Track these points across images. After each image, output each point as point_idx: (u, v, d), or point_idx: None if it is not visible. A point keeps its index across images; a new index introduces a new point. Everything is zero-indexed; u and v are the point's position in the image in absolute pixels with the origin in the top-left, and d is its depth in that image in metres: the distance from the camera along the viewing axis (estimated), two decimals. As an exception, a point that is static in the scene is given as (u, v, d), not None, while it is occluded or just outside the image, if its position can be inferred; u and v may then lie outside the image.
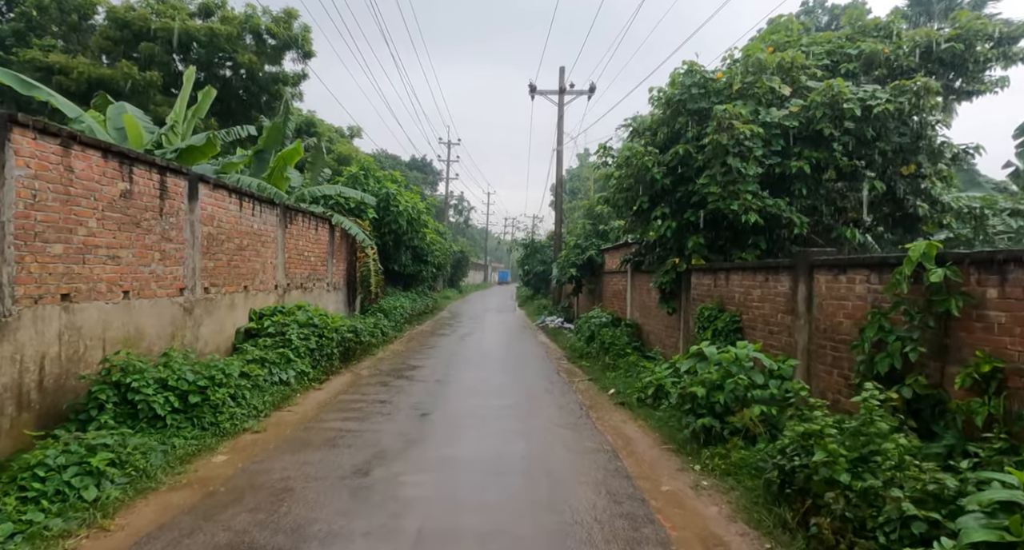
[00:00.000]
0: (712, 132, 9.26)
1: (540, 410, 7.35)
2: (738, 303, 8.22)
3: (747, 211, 8.95)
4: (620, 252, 15.45)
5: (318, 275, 12.92)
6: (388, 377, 9.30)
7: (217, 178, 8.23)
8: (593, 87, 23.70)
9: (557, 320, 20.81)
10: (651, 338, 12.23)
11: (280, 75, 20.36)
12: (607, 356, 10.84)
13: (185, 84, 10.45)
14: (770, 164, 9.34)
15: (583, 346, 12.61)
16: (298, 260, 11.70)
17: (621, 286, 15.27)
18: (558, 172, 24.10)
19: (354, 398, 7.61)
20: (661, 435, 6.15)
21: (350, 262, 15.44)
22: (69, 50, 16.76)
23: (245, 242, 9.25)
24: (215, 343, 8.20)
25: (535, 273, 33.71)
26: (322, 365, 8.87)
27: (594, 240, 17.97)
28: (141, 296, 6.52)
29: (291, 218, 11.34)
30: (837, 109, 8.80)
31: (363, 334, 10.95)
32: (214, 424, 5.58)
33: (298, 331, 8.79)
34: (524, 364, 11.37)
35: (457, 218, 75.03)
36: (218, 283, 8.33)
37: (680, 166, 10.11)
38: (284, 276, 10.91)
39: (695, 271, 10.01)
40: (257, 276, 9.68)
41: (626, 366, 10.00)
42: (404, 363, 10.80)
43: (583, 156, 62.23)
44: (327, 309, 13.29)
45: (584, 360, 11.61)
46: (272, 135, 13.41)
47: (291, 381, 7.61)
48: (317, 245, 12.94)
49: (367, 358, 11.06)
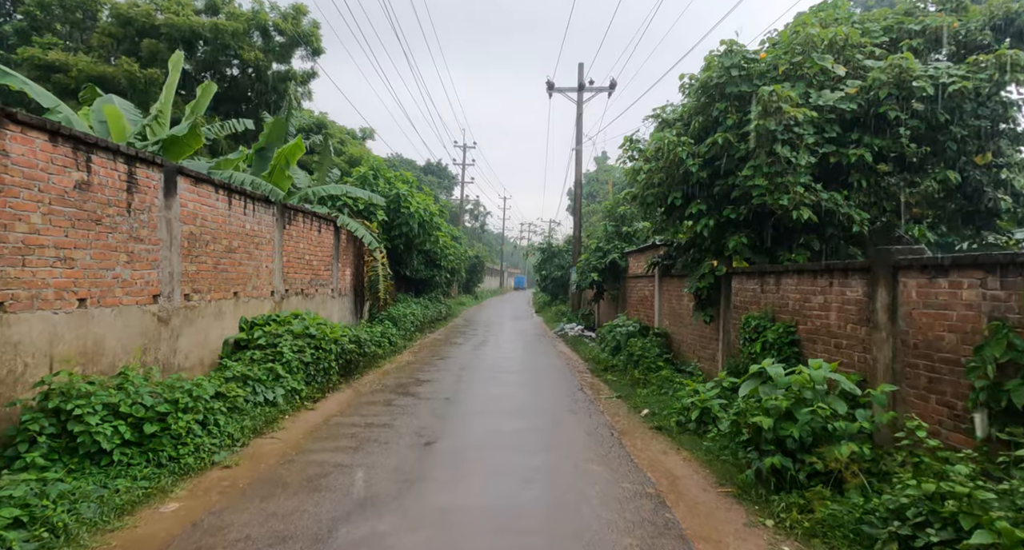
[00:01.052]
0: (756, 117, 8.19)
1: (564, 437, 6.30)
2: (792, 311, 7.10)
3: (798, 206, 7.87)
4: (646, 255, 14.36)
5: (321, 280, 12.03)
6: (392, 394, 8.31)
7: (200, 171, 7.35)
8: (614, 83, 22.68)
9: (577, 328, 19.74)
10: (683, 349, 11.11)
11: (288, 73, 19.65)
12: (636, 370, 9.75)
13: (172, 71, 9.65)
14: (823, 153, 8.24)
15: (608, 358, 11.53)
16: (298, 264, 10.82)
17: (647, 292, 14.16)
18: (577, 172, 23.07)
19: (350, 421, 6.63)
20: (714, 472, 5.07)
21: (357, 267, 14.55)
22: (71, 48, 16.21)
23: (235, 244, 8.37)
24: (197, 357, 7.29)
25: (552, 278, 32.67)
26: (318, 381, 7.91)
27: (617, 243, 16.90)
28: (102, 304, 5.62)
29: (290, 218, 10.47)
30: (904, 88, 7.67)
31: (367, 345, 10.00)
32: (174, 459, 4.63)
33: (291, 343, 7.86)
34: (544, 378, 10.32)
35: (473, 223, 74.28)
36: (202, 289, 7.44)
37: (718, 157, 9.05)
38: (282, 281, 10.02)
39: (737, 275, 8.91)
40: (249, 281, 8.79)
41: (658, 382, 8.90)
42: (412, 377, 9.82)
43: (601, 160, 61.16)
44: (331, 317, 12.39)
45: (610, 374, 10.52)
46: (274, 131, 12.59)
47: (279, 401, 6.65)
48: (320, 248, 12.06)
49: (371, 371, 10.10)
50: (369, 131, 28.78)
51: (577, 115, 23.15)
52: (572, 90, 23.20)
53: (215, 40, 17.20)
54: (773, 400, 4.57)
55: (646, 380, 9.22)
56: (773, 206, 7.99)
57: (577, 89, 23.04)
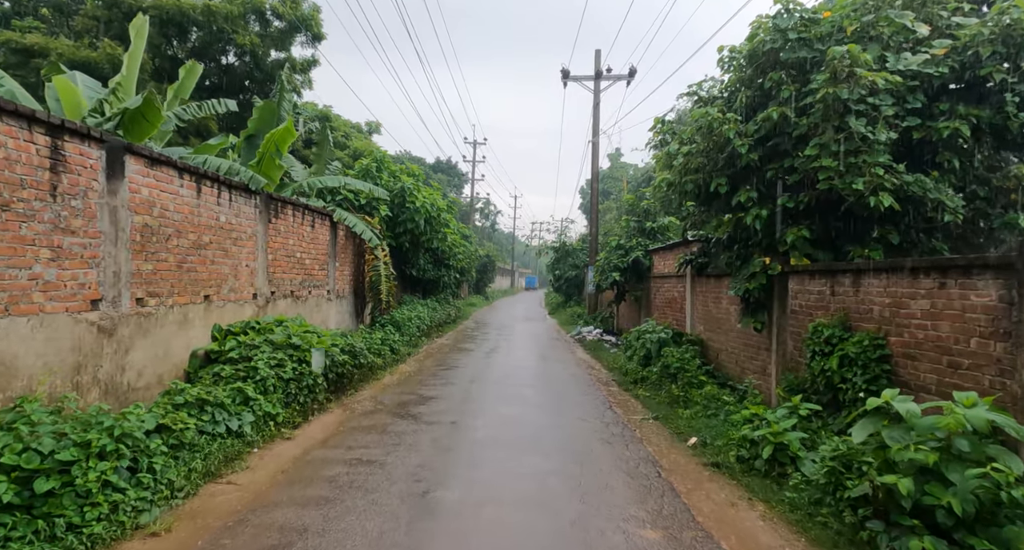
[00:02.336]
0: (823, 85, 6.84)
1: (599, 480, 4.98)
2: (880, 320, 5.73)
3: (876, 191, 6.52)
4: (675, 252, 13.00)
5: (315, 281, 10.80)
6: (389, 416, 7.04)
7: (159, 151, 6.12)
8: (633, 70, 21.28)
9: (595, 331, 18.39)
10: (723, 359, 9.74)
11: (288, 60, 18.48)
12: (674, 385, 8.40)
13: (135, 38, 8.48)
14: (905, 127, 6.87)
15: (637, 368, 10.19)
16: (287, 263, 9.59)
17: (676, 293, 12.80)
18: (593, 165, 21.70)
19: (333, 456, 5.36)
20: (811, 542, 3.73)
21: (357, 266, 13.33)
22: (53, 32, 15.16)
23: (207, 238, 7.15)
24: (155, 374, 6.06)
25: (566, 278, 31.32)
26: (300, 401, 6.65)
27: (639, 240, 15.54)
28: (12, 312, 4.40)
29: (277, 211, 9.24)
30: (1013, 44, 6.27)
31: (363, 355, 8.75)
32: (75, 528, 3.38)
33: (270, 355, 6.61)
34: (565, 393, 9.00)
35: (483, 222, 73.08)
36: (161, 292, 6.21)
37: (772, 136, 7.71)
38: (266, 282, 8.79)
39: (796, 274, 7.54)
40: (225, 282, 7.57)
41: (702, 400, 7.55)
42: (414, 392, 8.54)
43: (615, 156, 59.61)
44: (327, 322, 11.17)
45: (641, 388, 9.18)
46: (264, 117, 11.39)
47: (246, 431, 5.40)
48: (314, 245, 10.83)
49: (368, 385, 8.84)
50: (375, 125, 27.59)
51: (594, 104, 21.79)
52: (588, 78, 21.84)
53: (208, 24, 16.06)
54: (909, 451, 3.23)
55: (686, 398, 7.88)
56: (844, 191, 6.65)
57: (594, 77, 21.69)
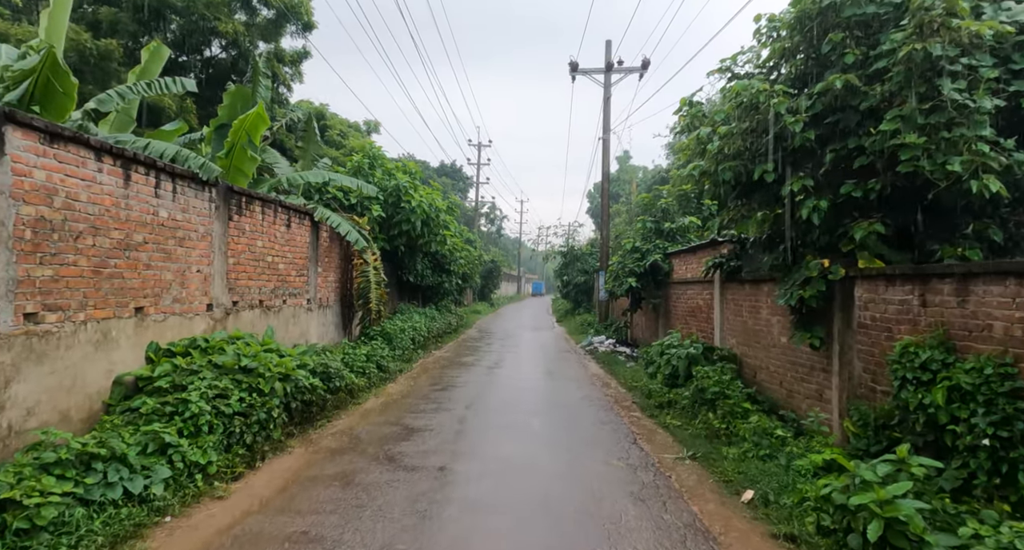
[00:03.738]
0: (906, 41, 5.45)
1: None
2: (1005, 339, 4.28)
3: (978, 173, 5.12)
4: (699, 255, 11.58)
5: (292, 288, 9.45)
6: (361, 458, 5.63)
7: (57, 125, 4.78)
8: (646, 62, 19.92)
9: (607, 341, 16.96)
10: (762, 379, 8.31)
11: (276, 52, 17.24)
12: (711, 413, 6.96)
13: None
14: (1013, 93, 5.47)
15: (662, 389, 8.76)
16: (254, 267, 8.25)
17: (702, 301, 11.37)
18: (604, 163, 20.32)
19: (271, 529, 3.95)
20: None
21: (344, 272, 11.99)
22: (17, 19, 14.00)
23: (139, 238, 5.81)
24: (57, 411, 4.70)
25: (575, 284, 29.89)
26: (246, 442, 5.26)
27: (658, 241, 14.12)
28: None
29: (242, 207, 7.90)
30: None
31: (340, 376, 7.37)
32: None
33: (209, 383, 5.24)
34: (580, 422, 7.58)
35: (489, 227, 71.82)
36: (67, 304, 4.87)
37: (832, 111, 6.33)
38: (225, 290, 7.44)
39: (866, 279, 6.11)
40: (167, 291, 6.22)
41: (751, 435, 6.10)
42: (398, 421, 7.14)
43: (623, 159, 58.16)
44: (308, 335, 9.81)
45: (669, 414, 7.75)
46: (236, 104, 10.09)
47: (155, 493, 4.02)
48: (291, 247, 9.49)
49: (345, 412, 7.44)
50: (374, 124, 26.35)
51: (604, 99, 20.44)
52: (598, 71, 20.51)
53: (187, 10, 14.84)
54: None
55: (729, 431, 6.44)
56: (933, 175, 5.24)
57: (604, 70, 20.34)
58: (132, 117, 9.66)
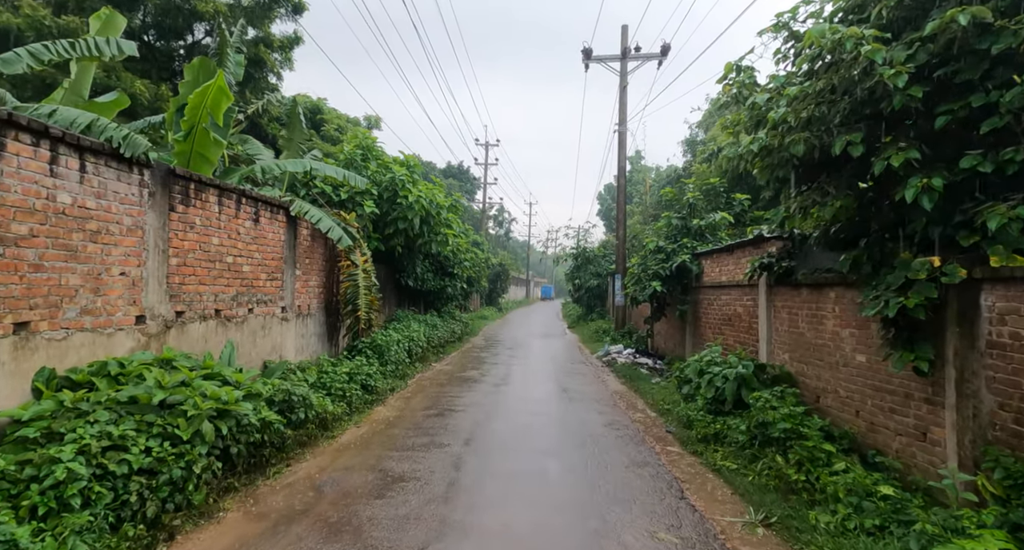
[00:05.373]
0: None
1: None
2: None
3: None
4: (736, 255, 10.00)
5: (261, 294, 7.99)
6: (312, 535, 4.10)
7: None
8: (666, 48, 18.36)
9: (626, 351, 15.37)
10: (828, 405, 6.71)
11: (265, 38, 15.87)
12: (780, 456, 5.38)
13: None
14: None
15: (704, 417, 7.18)
16: (208, 269, 6.78)
17: (740, 308, 9.78)
18: (620, 157, 18.76)
19: None
20: None
21: (330, 275, 10.51)
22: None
23: (22, 229, 4.35)
24: None
25: (587, 288, 28.31)
26: (146, 516, 3.75)
27: (684, 240, 12.53)
28: None
29: (189, 196, 6.44)
30: None
31: (304, 407, 5.86)
32: None
33: (101, 430, 3.75)
34: (608, 464, 6.01)
35: (497, 230, 70.37)
36: None
37: (942, 62, 4.79)
38: (165, 298, 5.97)
39: (1001, 282, 4.52)
40: (71, 300, 4.75)
41: (844, 495, 4.51)
42: (376, 465, 5.60)
43: (635, 159, 56.42)
44: (283, 350, 8.34)
45: (717, 451, 6.18)
46: (200, 81, 8.66)
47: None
48: (259, 246, 8.02)
49: (312, 451, 5.92)
50: (375, 119, 24.94)
51: (620, 88, 18.89)
52: (614, 58, 18.97)
53: (162, -11, 13.49)
54: None
55: (812, 484, 4.85)
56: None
57: (620, 57, 18.81)
58: (83, 96, 8.27)
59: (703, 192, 13.90)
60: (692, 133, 30.36)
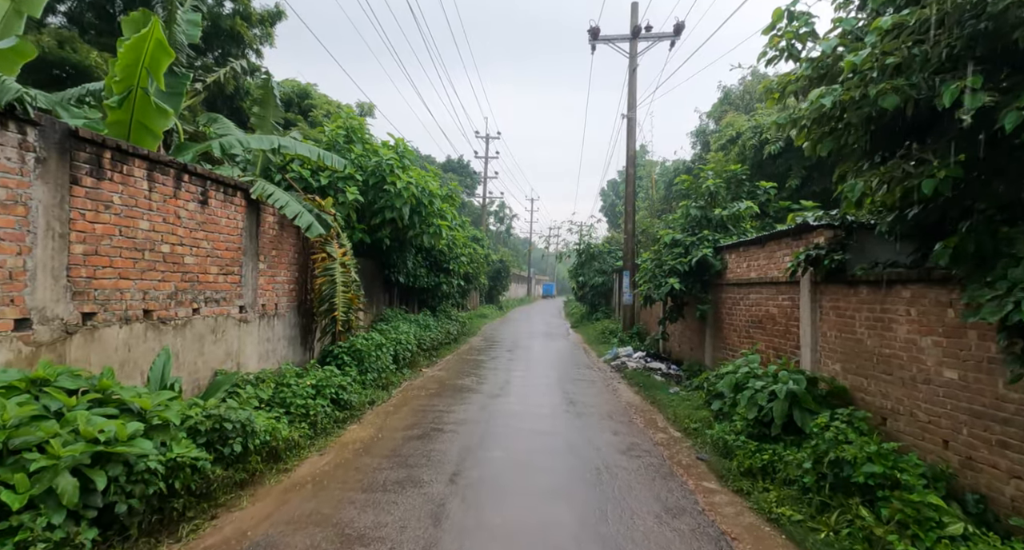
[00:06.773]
0: None
1: None
2: None
3: None
4: (771, 247, 8.65)
5: (211, 292, 6.66)
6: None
7: None
8: (679, 26, 16.98)
9: (636, 355, 14.06)
10: (899, 429, 5.39)
11: (243, 10, 14.52)
12: (867, 508, 4.04)
13: None
14: None
15: (745, 442, 5.84)
16: (134, 260, 5.45)
17: (776, 308, 8.45)
18: (629, 145, 17.40)
19: None
20: None
21: (305, 269, 9.19)
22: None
23: None
24: None
25: (592, 285, 26.95)
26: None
27: (705, 232, 11.19)
28: None
29: (102, 167, 5.11)
30: None
31: (241, 437, 4.54)
32: None
33: None
34: (634, 512, 4.67)
35: (498, 226, 68.99)
36: None
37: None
38: (65, 295, 4.64)
39: None
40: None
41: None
42: (329, 521, 4.28)
43: (640, 152, 55.04)
44: (242, 358, 7.03)
45: (769, 490, 4.85)
46: (139, 44, 7.30)
47: None
48: (209, 233, 6.69)
49: (250, 496, 4.60)
50: (368, 106, 23.56)
51: (630, 70, 17.53)
52: (623, 38, 17.61)
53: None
54: None
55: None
56: None
57: (630, 37, 17.44)
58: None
59: (724, 179, 12.56)
60: (703, 122, 28.95)
